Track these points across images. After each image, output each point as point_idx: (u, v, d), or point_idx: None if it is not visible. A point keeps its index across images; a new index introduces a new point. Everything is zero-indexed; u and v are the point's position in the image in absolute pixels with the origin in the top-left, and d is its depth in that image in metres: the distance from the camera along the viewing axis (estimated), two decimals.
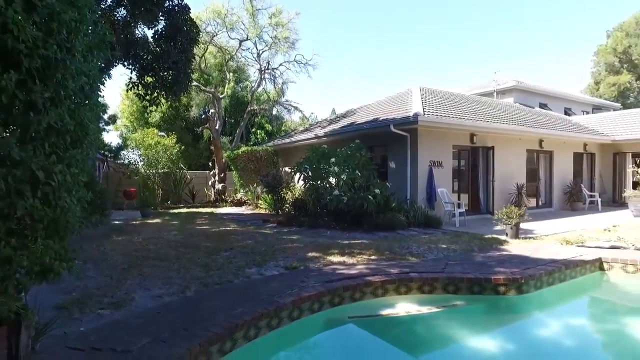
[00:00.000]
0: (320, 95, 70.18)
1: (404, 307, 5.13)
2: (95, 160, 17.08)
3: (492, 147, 13.01)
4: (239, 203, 17.76)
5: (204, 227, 10.95)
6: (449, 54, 69.13)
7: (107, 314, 4.16)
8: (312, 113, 36.05)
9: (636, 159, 15.43)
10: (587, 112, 27.27)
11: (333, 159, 10.78)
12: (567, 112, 25.75)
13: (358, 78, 73.56)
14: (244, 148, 19.06)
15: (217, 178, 19.81)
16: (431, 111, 11.76)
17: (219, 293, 4.83)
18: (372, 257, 6.67)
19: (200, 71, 22.50)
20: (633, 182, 14.23)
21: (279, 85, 25.00)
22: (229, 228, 10.59)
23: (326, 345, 4.68)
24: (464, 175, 13.32)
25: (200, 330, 3.61)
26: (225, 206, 17.71)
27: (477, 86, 26.98)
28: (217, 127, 20.33)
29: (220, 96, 22.16)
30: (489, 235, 8.94)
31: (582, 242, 7.82)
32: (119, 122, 29.23)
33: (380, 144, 12.40)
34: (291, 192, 13.90)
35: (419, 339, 4.81)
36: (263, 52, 23.25)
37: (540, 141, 14.61)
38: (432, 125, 11.19)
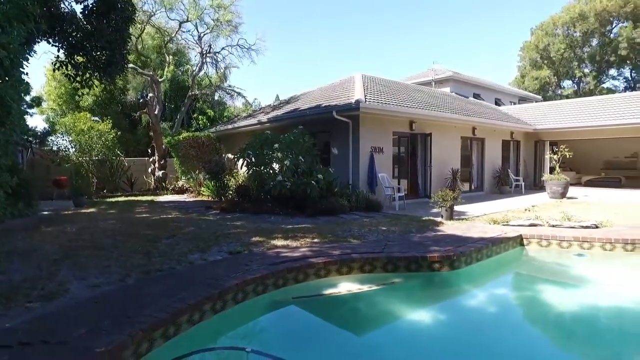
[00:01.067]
0: (264, 81, 69.24)
1: (346, 286, 5.36)
2: (19, 145, 15.76)
3: (430, 134, 13.66)
4: (181, 191, 17.26)
5: (144, 215, 10.57)
6: (391, 44, 70.78)
7: (37, 307, 3.95)
8: (255, 99, 35.50)
9: (553, 146, 16.91)
10: (514, 103, 29.34)
11: (276, 145, 10.79)
12: (497, 102, 27.52)
13: (302, 65, 73.33)
14: (185, 134, 18.44)
15: (157, 165, 19.05)
16: (373, 98, 12.09)
17: (161, 280, 4.76)
18: (315, 240, 6.85)
19: (137, 52, 21.29)
20: (550, 168, 15.62)
21: (222, 70, 24.38)
22: (170, 216, 10.30)
23: (271, 325, 4.79)
24: (404, 161, 13.89)
25: (143, 317, 3.56)
26: (167, 194, 17.14)
27: (416, 76, 28.00)
28: (156, 112, 19.47)
29: (160, 80, 21.20)
30: (426, 218, 9.47)
31: (507, 222, 8.53)
32: (44, 105, 26.94)
33: (323, 130, 12.58)
34: (234, 178, 13.75)
35: (360, 315, 5.05)
36: (204, 35, 22.49)
37: (474, 129, 15.55)
38: (373, 112, 11.53)
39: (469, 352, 4.09)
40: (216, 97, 27.93)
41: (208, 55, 22.84)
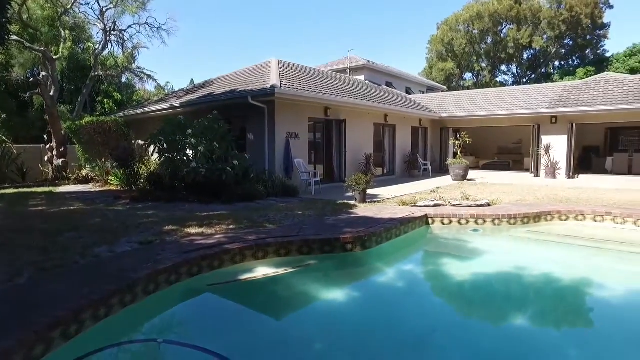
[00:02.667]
0: (178, 64, 65.65)
1: (262, 270, 5.43)
2: None
3: (344, 120, 14.11)
4: (86, 180, 15.87)
5: (41, 208, 9.59)
6: (308, 31, 71.06)
7: None
8: (167, 82, 33.65)
9: (456, 133, 18.45)
10: (423, 92, 31.29)
11: (190, 131, 10.41)
12: (408, 91, 29.13)
13: (218, 49, 70.70)
14: (88, 118, 16.92)
15: (55, 153, 17.22)
16: (288, 84, 12.15)
17: (62, 276, 4.41)
18: (231, 227, 6.80)
19: (22, 23, 18.74)
20: (453, 153, 17.06)
21: (129, 50, 22.66)
22: (73, 208, 9.47)
23: (187, 314, 4.70)
24: (320, 147, 14.21)
25: (38, 317, 3.30)
26: (68, 184, 15.65)
27: (332, 63, 28.53)
28: (51, 94, 17.51)
29: (54, 57, 19.03)
30: (341, 201, 9.85)
31: (414, 203, 9.19)
32: None
33: (239, 115, 12.37)
34: (146, 166, 13.00)
35: (277, 298, 5.16)
36: (107, 9, 20.64)
37: (386, 116, 16.36)
38: (289, 97, 11.60)
39: (382, 326, 4.39)
40: (124, 80, 25.98)
41: (112, 33, 21.07)
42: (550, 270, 6.04)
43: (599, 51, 40.65)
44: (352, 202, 9.63)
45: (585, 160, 19.74)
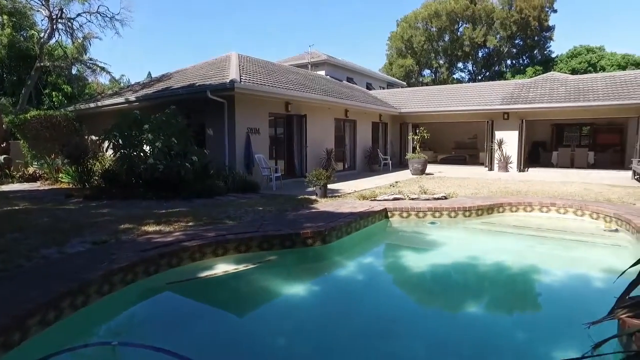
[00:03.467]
0: (134, 57, 63.11)
1: (222, 267, 5.38)
2: None
3: (305, 115, 14.13)
4: (33, 178, 14.97)
5: None
6: (268, 25, 70.32)
7: None
8: (123, 75, 32.24)
9: (415, 128, 18.91)
10: (383, 88, 31.83)
11: (147, 126, 10.07)
12: (369, 86, 29.55)
13: (177, 42, 68.60)
14: (34, 112, 15.93)
15: None
16: (248, 79, 12.00)
17: (2, 281, 4.17)
18: (190, 224, 6.68)
19: None
20: (412, 147, 17.51)
21: (79, 40, 21.51)
22: (17, 207, 8.94)
23: (144, 314, 4.59)
24: (281, 142, 14.16)
25: None
26: (13, 182, 14.71)
27: (293, 58, 28.46)
28: None
29: None
30: (302, 196, 9.88)
31: (374, 197, 9.37)
32: None
33: (198, 110, 12.10)
34: (100, 163, 12.46)
35: (237, 294, 5.14)
36: None
37: (346, 111, 16.52)
38: (249, 92, 11.47)
39: (343, 318, 4.46)
40: (74, 72, 24.63)
41: (60, 21, 19.92)
42: (501, 259, 6.36)
43: (545, 52, 42.84)
44: (313, 197, 9.68)
45: (534, 154, 20.84)
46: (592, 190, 10.70)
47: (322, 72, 24.79)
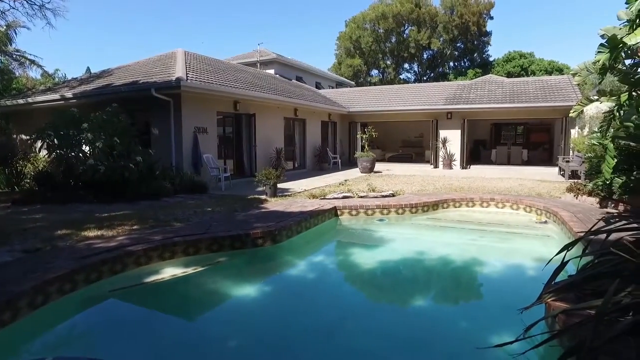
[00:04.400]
0: (71, 50, 59.26)
1: (169, 271, 5.22)
2: None
3: (254, 115, 13.98)
4: None
5: None
6: (216, 23, 68.76)
7: None
8: (57, 70, 29.97)
9: (364, 127, 19.30)
10: (332, 87, 32.19)
11: (86, 125, 9.51)
12: (318, 85, 29.74)
13: (118, 37, 65.27)
14: None
15: None
16: (195, 77, 11.68)
17: None
18: (135, 227, 6.41)
19: None
20: (361, 146, 17.82)
21: (2, 29, 19.75)
22: None
23: (85, 325, 4.34)
24: (229, 141, 13.91)
25: None
26: None
27: (242, 56, 28.04)
28: None
29: None
30: (252, 196, 9.79)
31: (324, 196, 9.47)
32: None
33: (142, 108, 11.60)
34: (33, 164, 11.61)
35: (186, 298, 5.01)
36: None
37: (296, 110, 16.54)
38: (196, 91, 11.17)
39: (294, 318, 4.47)
40: None
41: None
42: (446, 252, 6.65)
43: (484, 55, 45.26)
44: (263, 197, 9.62)
45: (476, 152, 22.00)
46: (525, 185, 11.48)
47: (272, 71, 24.63)
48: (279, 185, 10.25)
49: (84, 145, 9.63)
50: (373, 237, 7.95)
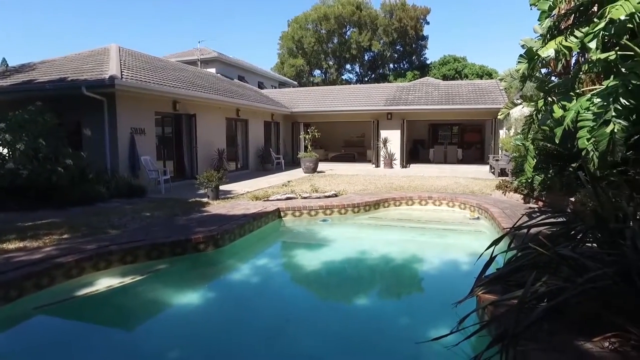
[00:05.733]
0: None
1: (105, 282, 4.94)
2: None
3: (195, 115, 13.58)
4: None
5: None
6: (154, 18, 65.78)
7: None
8: None
9: (307, 127, 19.43)
10: (275, 87, 32.05)
11: (3, 125, 8.73)
12: (260, 85, 29.47)
13: (42, 28, 60.32)
14: None
15: None
16: (131, 75, 11.12)
17: None
18: (65, 236, 5.99)
19: None
20: (304, 146, 17.94)
21: None
22: None
23: (5, 348, 3.99)
24: (169, 142, 13.39)
25: None
26: None
27: (181, 54, 27.12)
28: None
29: None
30: (193, 199, 9.52)
31: (267, 197, 9.43)
32: None
33: (72, 108, 10.82)
34: None
35: (124, 309, 4.77)
36: None
37: (238, 110, 16.28)
38: (132, 90, 10.63)
39: (238, 323, 4.41)
40: None
41: None
42: (387, 251, 6.89)
43: (421, 58, 47.29)
44: (205, 200, 9.39)
45: (415, 151, 22.93)
46: (460, 183, 12.17)
47: (213, 70, 24.04)
48: (222, 187, 10.05)
49: (1, 147, 8.83)
50: (316, 237, 8.04)
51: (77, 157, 9.41)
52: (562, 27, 5.97)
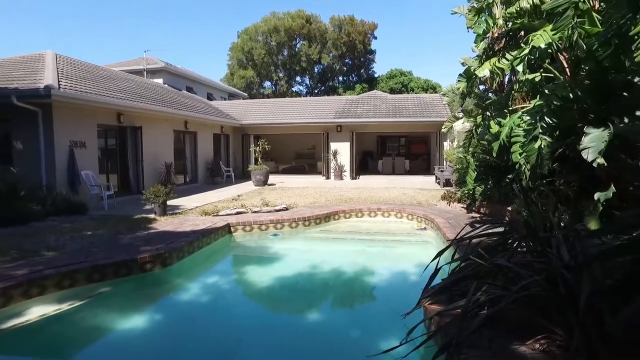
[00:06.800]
0: None
1: (38, 310, 4.60)
2: None
3: (141, 127, 13.08)
4: None
5: None
6: (98, 25, 62.89)
7: None
8: None
9: (257, 139, 19.33)
10: (225, 98, 31.65)
11: None
12: (210, 96, 28.98)
13: None
14: None
15: None
16: (70, 84, 10.54)
17: None
18: None
19: None
20: (255, 159, 17.82)
21: None
22: None
23: None
24: (113, 156, 12.78)
25: None
26: None
27: (126, 63, 26.15)
28: None
29: None
30: (139, 216, 9.13)
31: (217, 212, 9.24)
32: None
33: (1, 119, 10.07)
34: None
35: (60, 339, 4.45)
36: None
37: (186, 122, 15.88)
38: (71, 101, 10.06)
39: (187, 345, 4.26)
40: None
41: None
42: (338, 264, 6.96)
43: (370, 71, 48.70)
44: (151, 216, 9.04)
45: (364, 163, 23.44)
46: (408, 194, 12.59)
47: (160, 80, 23.34)
48: (170, 202, 9.73)
49: None
50: (267, 252, 7.98)
51: (6, 172, 8.75)
52: (496, 48, 6.44)
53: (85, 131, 10.91)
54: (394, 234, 9.01)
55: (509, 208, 8.01)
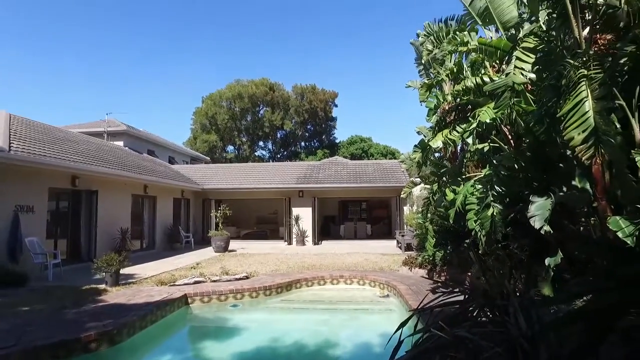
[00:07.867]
0: None
1: None
2: None
3: (97, 191, 12.63)
4: None
5: None
6: (57, 85, 62.46)
7: None
8: None
9: (218, 204, 19.05)
10: (187, 162, 31.46)
11: None
12: (171, 160, 28.72)
13: None
14: None
15: None
16: (22, 147, 10.16)
17: None
18: None
19: None
20: (215, 224, 17.47)
21: None
22: None
23: None
24: (64, 219, 12.09)
25: None
26: None
27: (86, 125, 25.77)
28: None
29: None
30: (88, 286, 8.49)
31: (174, 282, 8.79)
32: None
33: None
34: None
35: None
36: None
37: (145, 187, 15.50)
38: (22, 164, 9.65)
39: None
40: None
41: None
42: (300, 337, 6.67)
43: (331, 137, 50.45)
44: (102, 286, 8.44)
45: (326, 227, 23.44)
46: (370, 259, 12.57)
47: (121, 143, 23.03)
48: (124, 271, 9.18)
49: None
50: (227, 325, 7.56)
51: None
52: (448, 120, 6.91)
53: (34, 195, 10.38)
54: (357, 302, 8.85)
55: (469, 273, 8.14)
